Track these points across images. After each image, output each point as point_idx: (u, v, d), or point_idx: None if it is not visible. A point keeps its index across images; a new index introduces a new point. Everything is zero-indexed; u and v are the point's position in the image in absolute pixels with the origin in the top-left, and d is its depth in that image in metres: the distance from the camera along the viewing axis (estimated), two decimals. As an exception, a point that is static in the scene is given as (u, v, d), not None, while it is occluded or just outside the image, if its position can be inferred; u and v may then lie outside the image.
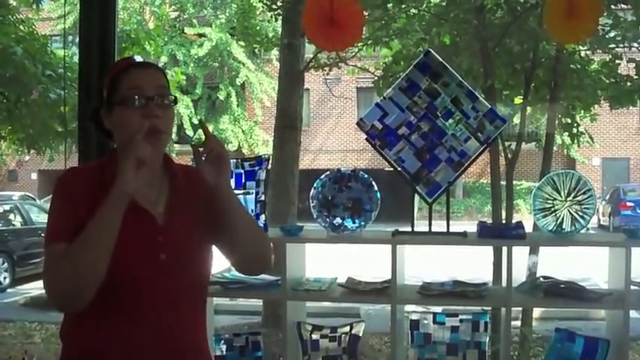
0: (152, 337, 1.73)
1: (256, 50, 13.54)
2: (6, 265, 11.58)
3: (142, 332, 1.72)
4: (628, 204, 18.20)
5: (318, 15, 3.02)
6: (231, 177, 3.06)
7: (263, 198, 3.06)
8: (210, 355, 1.92)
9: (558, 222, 2.89)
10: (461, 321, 3.04)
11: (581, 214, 2.88)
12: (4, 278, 11.51)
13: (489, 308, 3.24)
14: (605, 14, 5.81)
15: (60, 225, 1.72)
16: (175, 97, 1.83)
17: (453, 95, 2.95)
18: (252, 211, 3.06)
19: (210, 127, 22.77)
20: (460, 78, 2.99)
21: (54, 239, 1.70)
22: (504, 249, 2.89)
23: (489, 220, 6.29)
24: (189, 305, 1.83)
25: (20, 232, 12.25)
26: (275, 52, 16.13)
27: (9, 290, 11.23)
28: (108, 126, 1.80)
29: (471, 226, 3.20)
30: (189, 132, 22.51)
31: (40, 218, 12.76)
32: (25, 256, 11.65)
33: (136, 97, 1.73)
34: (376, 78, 7.78)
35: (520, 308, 6.04)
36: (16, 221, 12.63)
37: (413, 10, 7.31)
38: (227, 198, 1.76)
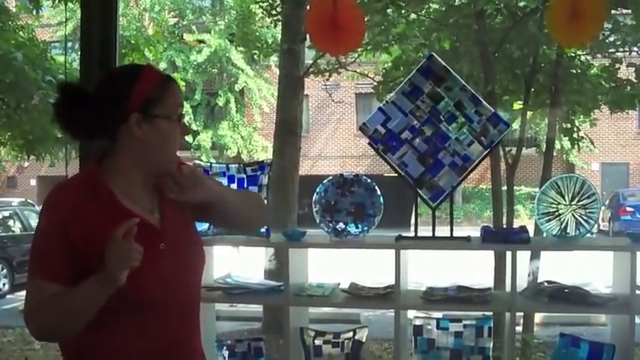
0: (156, 343, 1.73)
1: (255, 56, 13.53)
2: (5, 271, 11.56)
3: (146, 339, 1.72)
4: (628, 209, 18.19)
5: (322, 19, 3.01)
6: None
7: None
8: (204, 355, 1.92)
9: (562, 226, 2.88)
10: (465, 326, 3.02)
11: (585, 218, 2.87)
12: (4, 285, 11.49)
13: (491, 313, 3.22)
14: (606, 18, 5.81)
15: (47, 260, 1.69)
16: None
17: (456, 99, 2.94)
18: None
19: (210, 134, 22.84)
20: (463, 82, 2.98)
21: (40, 276, 1.69)
22: (508, 254, 2.87)
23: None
24: (190, 306, 1.84)
25: (19, 239, 12.22)
26: (274, 58, 16.14)
27: (8, 296, 11.20)
28: (139, 134, 1.73)
29: (470, 232, 3.18)
30: (189, 138, 22.49)
31: (40, 225, 12.71)
32: (25, 263, 11.55)
33: (181, 115, 1.80)
34: (376, 83, 7.78)
35: (521, 314, 6.03)
36: (16, 227, 12.61)
37: (413, 16, 7.32)
38: (218, 200, 1.84)
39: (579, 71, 6.91)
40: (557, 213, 2.89)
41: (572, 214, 2.87)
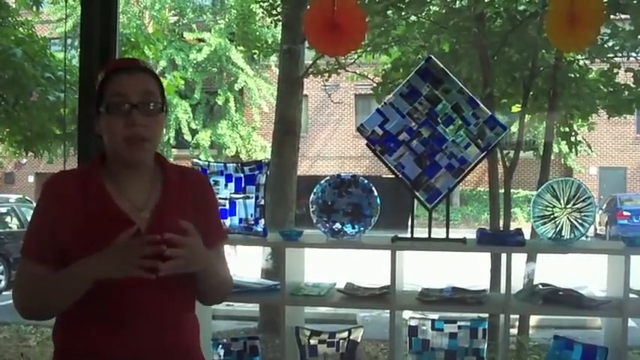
0: (140, 340, 1.73)
1: (255, 56, 13.55)
2: (2, 267, 11.54)
3: (129, 336, 1.72)
4: (625, 213, 18.22)
5: (321, 19, 3.02)
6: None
7: (262, 202, 3.06)
8: (202, 357, 1.91)
9: (557, 229, 2.90)
10: (459, 327, 3.04)
11: (580, 221, 2.88)
12: (0, 281, 11.47)
13: (486, 315, 3.23)
14: (604, 23, 5.82)
15: (37, 241, 1.77)
16: (163, 102, 1.79)
17: (453, 102, 2.95)
18: (251, 215, 3.06)
19: (209, 133, 22.83)
20: (461, 84, 2.99)
21: (28, 256, 1.77)
22: (503, 256, 2.89)
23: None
24: (177, 307, 1.83)
25: (17, 235, 12.16)
26: (274, 58, 16.13)
27: (4, 293, 11.18)
28: (97, 130, 1.78)
29: (467, 234, 3.20)
30: (188, 137, 22.51)
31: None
32: (21, 259, 11.58)
33: (121, 104, 1.71)
34: (375, 85, 7.79)
35: (517, 316, 6.04)
36: (13, 224, 12.60)
37: (413, 18, 7.32)
38: (202, 272, 1.76)
39: (578, 75, 6.92)
40: (552, 216, 2.91)
41: (568, 218, 2.89)
